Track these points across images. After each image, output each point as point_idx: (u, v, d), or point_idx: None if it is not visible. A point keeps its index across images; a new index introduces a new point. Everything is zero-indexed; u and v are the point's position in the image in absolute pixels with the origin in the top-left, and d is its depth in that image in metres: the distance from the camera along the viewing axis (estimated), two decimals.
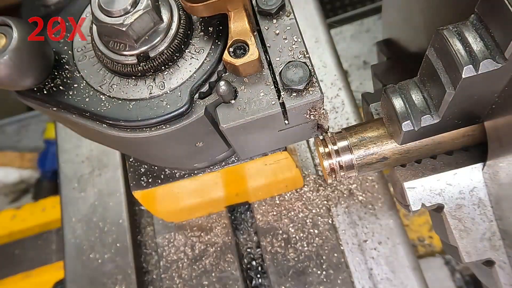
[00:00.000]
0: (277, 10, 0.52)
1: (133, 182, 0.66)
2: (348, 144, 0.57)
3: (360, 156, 0.57)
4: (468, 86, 0.42)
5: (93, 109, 0.51)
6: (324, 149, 0.57)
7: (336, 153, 0.57)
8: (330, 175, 0.58)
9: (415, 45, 0.65)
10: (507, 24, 0.36)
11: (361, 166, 0.58)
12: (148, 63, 0.50)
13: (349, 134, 0.58)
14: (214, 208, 0.83)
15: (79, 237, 0.85)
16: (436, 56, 0.44)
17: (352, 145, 0.57)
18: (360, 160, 0.57)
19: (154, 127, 0.50)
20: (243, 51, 0.49)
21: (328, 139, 0.58)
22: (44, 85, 0.52)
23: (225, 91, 0.49)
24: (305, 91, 0.49)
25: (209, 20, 0.52)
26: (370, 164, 0.57)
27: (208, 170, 0.66)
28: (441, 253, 1.39)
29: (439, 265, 1.36)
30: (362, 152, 0.57)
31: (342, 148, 0.57)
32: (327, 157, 0.57)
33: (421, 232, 1.43)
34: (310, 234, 0.78)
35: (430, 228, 1.43)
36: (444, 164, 0.56)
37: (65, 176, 0.89)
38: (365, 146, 0.57)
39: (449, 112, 0.47)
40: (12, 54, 0.45)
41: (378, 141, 0.56)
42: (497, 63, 0.39)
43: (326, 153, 0.57)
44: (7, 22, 0.46)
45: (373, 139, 0.57)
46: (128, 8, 0.46)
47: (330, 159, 0.57)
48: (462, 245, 0.54)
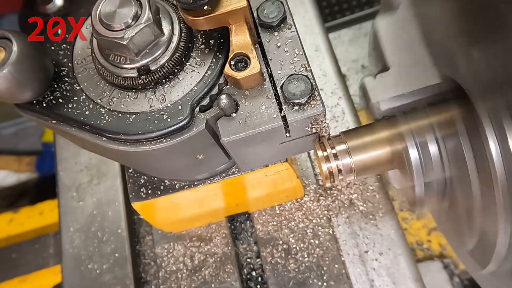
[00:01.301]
0: (278, 23, 0.52)
1: (132, 193, 0.65)
2: (347, 148, 0.57)
3: (359, 159, 0.57)
4: None
5: (92, 122, 0.50)
6: (323, 152, 0.57)
7: (334, 157, 0.57)
8: (328, 179, 0.58)
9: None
10: None
11: (360, 169, 0.58)
12: (149, 76, 0.50)
13: (347, 138, 0.58)
14: (214, 218, 0.82)
15: (77, 246, 0.84)
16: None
17: (350, 149, 0.57)
18: (359, 164, 0.57)
19: (155, 141, 0.50)
20: (244, 64, 0.49)
21: (327, 143, 0.58)
22: (43, 98, 0.52)
23: (226, 104, 0.48)
24: (307, 104, 0.49)
25: (210, 33, 0.52)
26: (368, 167, 0.57)
27: (208, 182, 0.65)
28: (439, 257, 1.39)
29: (438, 269, 1.36)
30: (360, 155, 0.57)
31: (341, 151, 0.57)
32: (326, 161, 0.57)
33: (420, 236, 1.43)
34: (311, 245, 0.78)
35: (428, 231, 1.43)
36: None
37: (63, 185, 0.89)
38: (364, 149, 0.57)
39: None
40: (11, 68, 0.45)
41: (376, 145, 0.56)
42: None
43: (325, 157, 0.57)
44: (7, 35, 0.46)
45: (371, 142, 0.57)
46: (129, 22, 0.46)
47: (328, 162, 0.57)
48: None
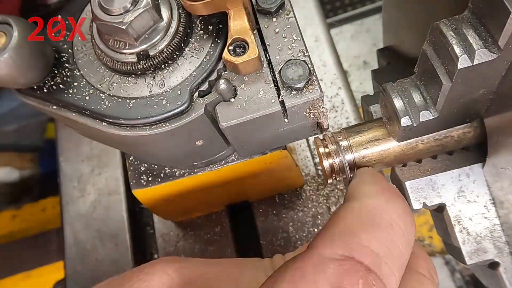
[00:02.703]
0: (276, 9, 0.52)
1: (133, 180, 0.66)
2: (348, 144, 0.57)
3: (361, 156, 0.57)
4: (464, 78, 0.42)
5: (93, 108, 0.51)
6: (324, 149, 0.57)
7: (336, 153, 0.57)
8: (330, 176, 0.58)
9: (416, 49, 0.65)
10: (499, 14, 0.37)
11: (362, 166, 0.57)
12: (148, 61, 0.50)
13: (349, 134, 0.57)
14: (214, 207, 0.83)
15: (79, 236, 0.85)
16: (432, 50, 0.44)
17: (352, 145, 0.57)
18: (361, 160, 0.57)
19: (154, 125, 0.50)
20: (242, 50, 0.49)
21: (328, 139, 0.58)
22: (44, 84, 0.52)
23: (225, 89, 0.49)
24: (305, 89, 0.49)
25: (209, 19, 0.52)
26: (370, 164, 0.57)
27: (208, 169, 0.66)
28: (441, 253, 1.39)
29: (439, 265, 1.36)
30: (362, 152, 0.56)
31: (343, 148, 0.57)
32: (327, 157, 0.57)
33: (421, 232, 1.43)
34: (310, 233, 0.78)
35: (430, 228, 1.43)
36: (444, 164, 0.56)
37: (65, 175, 0.89)
38: (365, 145, 0.56)
39: (447, 106, 0.47)
40: (12, 53, 0.45)
41: (378, 141, 0.56)
42: (491, 53, 0.39)
43: (326, 153, 0.57)
44: (7, 21, 0.46)
45: (373, 138, 0.56)
46: (128, 6, 0.46)
47: (330, 159, 0.57)
48: (464, 247, 0.54)
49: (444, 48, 0.42)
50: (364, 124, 0.59)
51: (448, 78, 0.43)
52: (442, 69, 0.43)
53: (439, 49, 0.43)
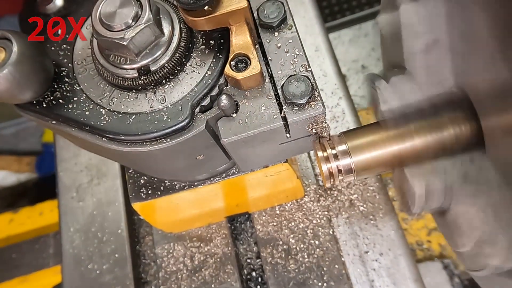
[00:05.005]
0: (278, 23, 0.52)
1: (132, 193, 0.65)
2: (347, 148, 0.57)
3: (359, 159, 0.56)
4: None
5: (93, 123, 0.50)
6: (323, 153, 0.57)
7: (334, 157, 0.57)
8: (328, 179, 0.58)
9: None
10: None
11: (360, 169, 0.57)
12: (149, 76, 0.49)
13: (347, 138, 0.57)
14: (214, 219, 0.82)
15: (77, 247, 0.84)
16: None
17: (350, 149, 0.57)
18: (359, 164, 0.57)
19: (155, 141, 0.50)
20: (244, 65, 0.49)
21: (327, 143, 0.58)
22: (43, 98, 0.52)
23: (226, 105, 0.48)
24: (307, 105, 0.49)
25: (211, 34, 0.52)
26: (368, 167, 0.57)
27: (209, 182, 0.65)
28: (439, 257, 1.39)
29: (438, 270, 1.36)
30: (360, 156, 0.56)
31: (341, 152, 0.57)
32: (326, 161, 0.57)
33: (420, 236, 1.43)
34: (311, 245, 0.78)
35: (428, 232, 1.43)
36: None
37: (63, 185, 0.88)
38: (364, 149, 0.56)
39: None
40: (11, 68, 0.45)
41: (376, 145, 0.56)
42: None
43: (325, 157, 0.57)
44: (7, 36, 0.46)
45: (372, 142, 0.56)
46: (129, 22, 0.46)
47: (328, 163, 0.57)
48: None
49: None
50: (362, 128, 0.59)
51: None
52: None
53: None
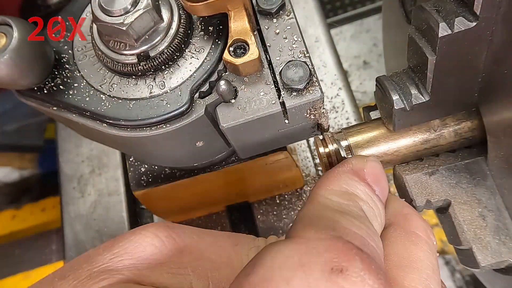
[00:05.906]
0: (277, 10, 0.52)
1: (133, 181, 0.66)
2: (348, 144, 0.57)
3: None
4: (447, 51, 0.44)
5: (93, 109, 0.51)
6: (324, 149, 0.57)
7: (336, 153, 0.57)
8: None
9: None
10: None
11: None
12: (148, 62, 0.50)
13: (349, 134, 0.58)
14: (214, 208, 0.83)
15: (79, 237, 0.84)
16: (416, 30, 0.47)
17: (352, 145, 0.57)
18: None
19: (154, 126, 0.50)
20: (243, 51, 0.49)
21: (328, 139, 0.58)
22: (44, 85, 0.52)
23: (225, 91, 0.49)
24: (305, 90, 0.49)
25: (209, 20, 0.52)
26: None
27: (208, 170, 0.66)
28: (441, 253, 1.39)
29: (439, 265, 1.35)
30: (362, 152, 0.56)
31: (342, 148, 0.57)
32: (327, 157, 0.57)
33: None
34: None
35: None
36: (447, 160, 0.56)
37: (65, 176, 0.89)
38: (365, 145, 0.57)
39: (437, 89, 0.48)
40: (12, 54, 0.45)
41: (378, 141, 0.56)
42: (468, 21, 0.42)
43: (326, 153, 0.57)
44: (8, 22, 0.46)
45: (373, 138, 0.57)
46: (128, 7, 0.46)
47: (330, 159, 0.57)
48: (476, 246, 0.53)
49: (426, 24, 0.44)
50: (363, 124, 0.59)
51: (432, 51, 0.45)
52: (426, 45, 0.46)
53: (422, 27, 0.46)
